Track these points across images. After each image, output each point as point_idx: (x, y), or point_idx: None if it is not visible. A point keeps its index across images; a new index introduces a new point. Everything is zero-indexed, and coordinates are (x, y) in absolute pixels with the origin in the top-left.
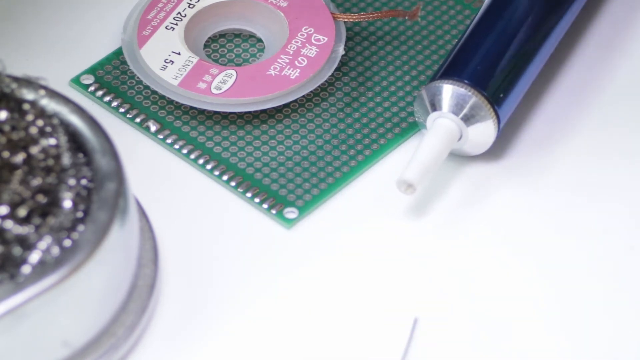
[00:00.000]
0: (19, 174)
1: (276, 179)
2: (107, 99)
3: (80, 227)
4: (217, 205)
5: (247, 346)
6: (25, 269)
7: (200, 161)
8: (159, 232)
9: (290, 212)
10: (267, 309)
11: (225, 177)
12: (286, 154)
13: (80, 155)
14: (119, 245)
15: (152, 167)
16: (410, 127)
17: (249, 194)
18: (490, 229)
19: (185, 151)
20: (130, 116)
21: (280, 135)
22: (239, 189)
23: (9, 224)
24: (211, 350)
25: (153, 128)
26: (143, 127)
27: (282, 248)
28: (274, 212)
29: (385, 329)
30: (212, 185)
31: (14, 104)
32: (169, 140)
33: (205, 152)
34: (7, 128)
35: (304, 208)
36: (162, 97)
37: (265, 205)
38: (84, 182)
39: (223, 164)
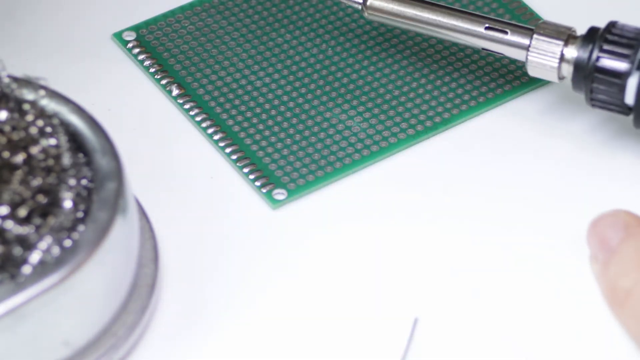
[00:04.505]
0: (19, 174)
1: (277, 158)
2: (141, 57)
3: (81, 227)
4: (217, 201)
5: (246, 345)
6: (26, 269)
7: (210, 130)
8: (159, 232)
9: (279, 194)
10: (267, 309)
11: (228, 150)
12: (289, 132)
13: (80, 155)
14: (119, 245)
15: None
16: (425, 130)
17: (251, 176)
18: (491, 228)
19: (198, 119)
20: (158, 77)
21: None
22: (238, 164)
23: (9, 224)
24: (212, 349)
25: (175, 92)
26: (166, 89)
27: (289, 244)
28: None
29: (385, 329)
30: (211, 182)
31: (14, 104)
32: (186, 106)
33: (217, 123)
34: (7, 128)
35: (294, 191)
36: (194, 64)
37: (264, 190)
38: (84, 182)
39: (230, 137)
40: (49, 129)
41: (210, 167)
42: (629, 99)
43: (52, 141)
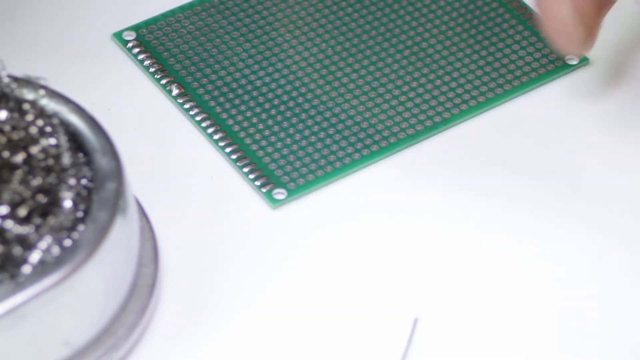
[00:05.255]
0: (19, 173)
1: (277, 158)
2: (141, 57)
3: (81, 227)
4: (217, 201)
5: (246, 345)
6: (26, 269)
7: (210, 130)
8: (159, 232)
9: (279, 194)
10: (267, 309)
11: (228, 150)
12: (289, 131)
13: (80, 155)
14: (119, 245)
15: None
16: (425, 130)
17: (251, 176)
18: (491, 228)
19: (198, 118)
20: (158, 77)
21: (294, 118)
22: (238, 163)
23: (9, 224)
24: (212, 349)
25: (175, 92)
26: (166, 89)
27: (289, 243)
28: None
29: (385, 329)
30: (211, 182)
31: (14, 104)
32: (186, 106)
33: (217, 123)
34: (7, 128)
35: (294, 191)
36: (194, 64)
37: (264, 190)
38: (84, 182)
39: (230, 136)
40: (48, 129)
41: (210, 167)
42: None
43: (52, 141)
